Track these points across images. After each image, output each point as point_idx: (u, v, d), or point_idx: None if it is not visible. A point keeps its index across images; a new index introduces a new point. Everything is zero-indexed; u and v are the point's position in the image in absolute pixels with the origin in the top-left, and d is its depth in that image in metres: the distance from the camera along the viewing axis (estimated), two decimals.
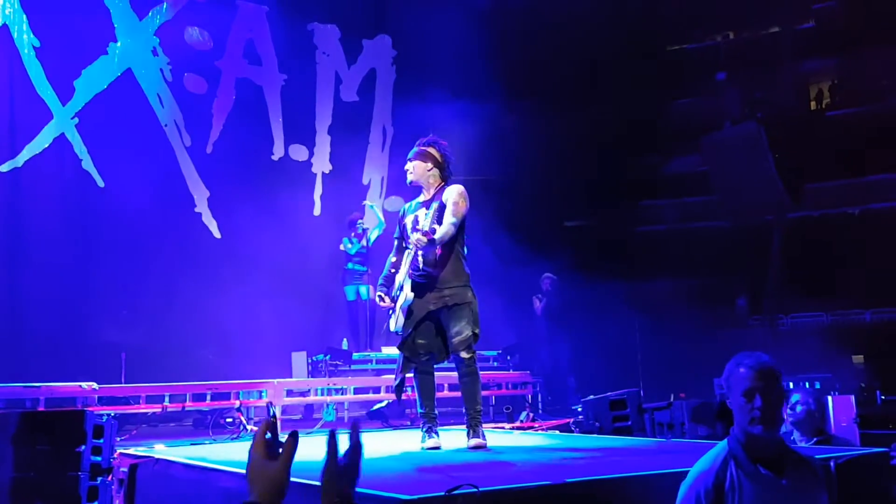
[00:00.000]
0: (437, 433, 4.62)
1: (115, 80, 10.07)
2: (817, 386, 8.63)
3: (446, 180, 4.72)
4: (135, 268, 9.53)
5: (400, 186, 11.55)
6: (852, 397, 7.88)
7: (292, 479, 2.76)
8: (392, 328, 4.65)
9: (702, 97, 15.02)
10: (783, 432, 4.89)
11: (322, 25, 11.90)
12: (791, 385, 7.92)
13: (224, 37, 11.06)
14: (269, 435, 1.62)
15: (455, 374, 4.72)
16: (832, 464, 3.47)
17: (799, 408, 4.78)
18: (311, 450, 4.83)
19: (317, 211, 11.70)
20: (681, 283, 12.02)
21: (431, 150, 4.72)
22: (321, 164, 11.83)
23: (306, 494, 3.02)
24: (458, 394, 4.86)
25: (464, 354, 4.52)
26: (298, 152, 11.69)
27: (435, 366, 4.79)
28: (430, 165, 4.70)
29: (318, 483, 1.64)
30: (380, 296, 4.72)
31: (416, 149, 4.76)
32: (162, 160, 10.33)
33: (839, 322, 13.83)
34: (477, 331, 4.54)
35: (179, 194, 10.49)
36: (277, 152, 11.48)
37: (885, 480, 3.68)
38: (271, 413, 1.50)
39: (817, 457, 3.52)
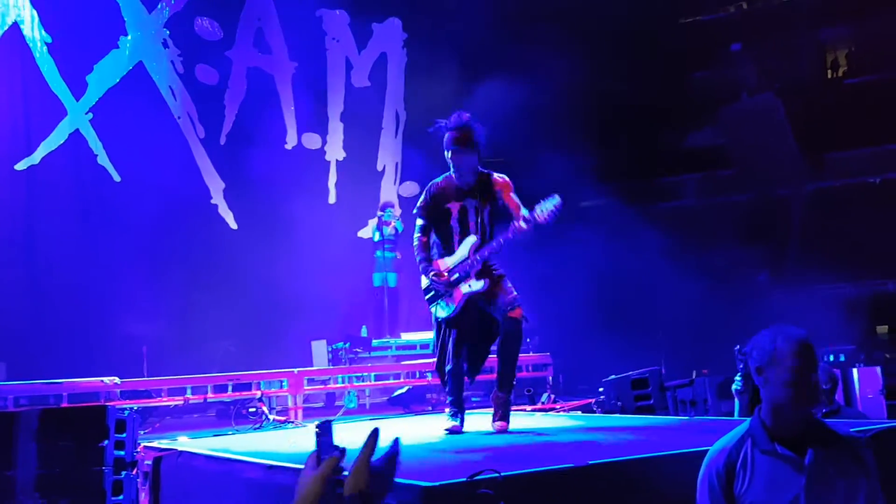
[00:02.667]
0: (463, 418, 4.65)
1: (126, 74, 10.07)
2: (842, 359, 8.53)
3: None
4: (153, 261, 9.57)
5: (414, 171, 11.55)
6: (878, 369, 7.79)
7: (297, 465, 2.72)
8: (443, 314, 4.62)
9: (718, 69, 14.80)
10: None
11: (330, 11, 11.81)
12: None
13: (233, 26, 11.02)
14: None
15: None
16: (862, 437, 3.41)
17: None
18: (339, 437, 4.81)
19: (332, 199, 11.68)
20: (701, 257, 11.90)
21: (477, 138, 4.63)
22: (334, 151, 11.78)
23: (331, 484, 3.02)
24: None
25: (515, 314, 4.51)
26: (311, 140, 11.65)
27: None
28: (476, 155, 4.64)
29: (347, 473, 1.61)
30: (436, 274, 4.61)
31: (460, 135, 4.58)
32: (176, 153, 10.34)
33: (862, 293, 13.66)
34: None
35: (195, 186, 10.51)
36: (291, 141, 11.46)
37: None
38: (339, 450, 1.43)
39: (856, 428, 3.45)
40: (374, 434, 1.59)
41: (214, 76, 10.84)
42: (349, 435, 1.68)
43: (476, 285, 4.55)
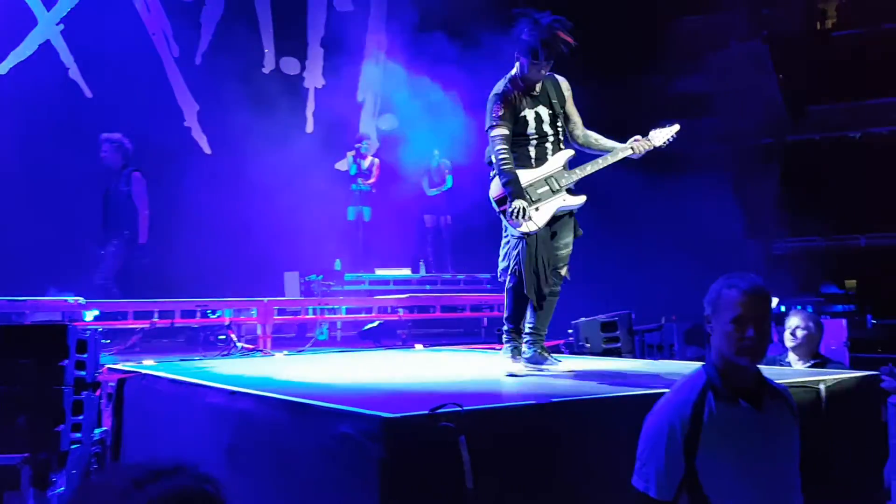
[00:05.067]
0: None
1: None
2: (809, 309, 8.65)
3: None
4: None
5: (393, 104, 11.31)
6: (844, 321, 7.92)
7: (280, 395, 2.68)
8: (532, 227, 4.02)
9: (709, 14, 14.55)
10: (779, 354, 4.88)
11: None
12: (783, 309, 7.93)
13: None
14: None
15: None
16: (822, 387, 3.46)
17: (800, 332, 4.75)
18: (299, 370, 4.79)
19: (309, 128, 11.46)
20: (679, 205, 11.90)
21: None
22: (313, 78, 11.50)
23: (293, 412, 3.00)
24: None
25: (565, 271, 4.22)
26: (290, 65, 11.35)
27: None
28: None
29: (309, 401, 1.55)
30: (523, 207, 3.95)
31: (568, 38, 4.01)
32: (150, 71, 10.03)
33: (834, 247, 13.82)
34: None
35: (168, 107, 10.24)
36: (268, 65, 11.16)
37: (874, 403, 3.68)
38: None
39: (810, 379, 3.50)
40: None
41: None
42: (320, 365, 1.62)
43: (574, 200, 4.15)
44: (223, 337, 6.68)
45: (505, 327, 4.28)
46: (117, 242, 7.45)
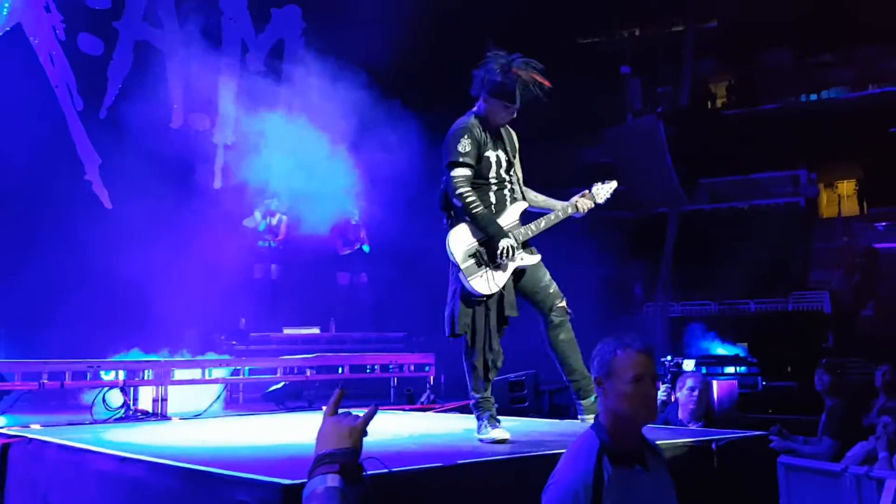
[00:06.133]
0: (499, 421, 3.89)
1: (3, 36, 9.40)
2: (703, 371, 9.02)
3: None
4: (18, 234, 8.96)
5: (303, 161, 11.29)
6: (735, 382, 8.29)
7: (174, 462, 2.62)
8: (485, 290, 3.72)
9: (608, 90, 15.37)
10: (670, 414, 5.06)
11: None
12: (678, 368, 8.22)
13: None
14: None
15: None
16: (714, 446, 3.60)
17: (696, 392, 4.95)
18: (196, 434, 4.62)
19: (217, 184, 11.29)
20: (585, 269, 12.28)
21: None
22: (223, 134, 11.40)
23: (188, 479, 2.89)
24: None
25: (564, 303, 3.95)
26: (199, 121, 11.22)
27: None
28: None
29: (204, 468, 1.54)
30: (511, 246, 3.75)
31: (538, 80, 3.83)
32: (51, 123, 9.73)
33: (726, 311, 14.53)
34: None
35: (68, 160, 9.92)
36: (176, 121, 10.99)
37: (764, 462, 3.84)
38: (340, 387, 1.55)
39: (702, 438, 3.65)
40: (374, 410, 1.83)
41: (99, 46, 10.27)
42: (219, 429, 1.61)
43: (530, 259, 3.88)
44: (120, 402, 6.38)
45: (472, 399, 3.91)
46: None
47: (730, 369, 10.09)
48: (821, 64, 19.52)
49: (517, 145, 4.05)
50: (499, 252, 3.68)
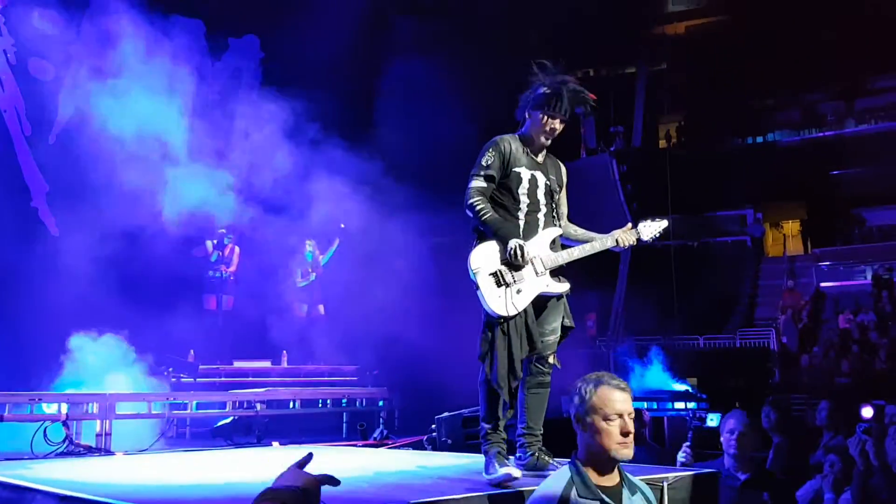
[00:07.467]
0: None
1: None
2: (654, 406, 9.10)
3: None
4: None
5: (256, 190, 11.23)
6: (687, 417, 8.38)
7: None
8: (506, 312, 3.46)
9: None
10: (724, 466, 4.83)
11: (185, 19, 11.37)
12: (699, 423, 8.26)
13: (78, 21, 10.34)
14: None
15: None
16: (664, 484, 3.62)
17: (735, 435, 4.62)
18: (141, 471, 4.48)
19: (167, 212, 11.09)
20: None
21: None
22: (175, 161, 11.23)
23: None
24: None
25: (555, 359, 3.71)
26: (152, 147, 11.05)
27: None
28: None
29: None
30: (520, 245, 3.50)
31: (586, 100, 3.78)
32: None
33: (675, 346, 14.74)
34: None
35: (15, 186, 9.67)
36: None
37: (715, 499, 3.86)
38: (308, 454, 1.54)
39: (653, 476, 3.66)
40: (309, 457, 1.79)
41: (50, 71, 10.09)
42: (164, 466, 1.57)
43: (558, 287, 3.64)
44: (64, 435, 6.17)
45: (481, 430, 3.62)
46: None
47: (679, 405, 10.18)
48: (766, 108, 20.26)
49: (565, 180, 3.90)
50: (508, 251, 3.47)
